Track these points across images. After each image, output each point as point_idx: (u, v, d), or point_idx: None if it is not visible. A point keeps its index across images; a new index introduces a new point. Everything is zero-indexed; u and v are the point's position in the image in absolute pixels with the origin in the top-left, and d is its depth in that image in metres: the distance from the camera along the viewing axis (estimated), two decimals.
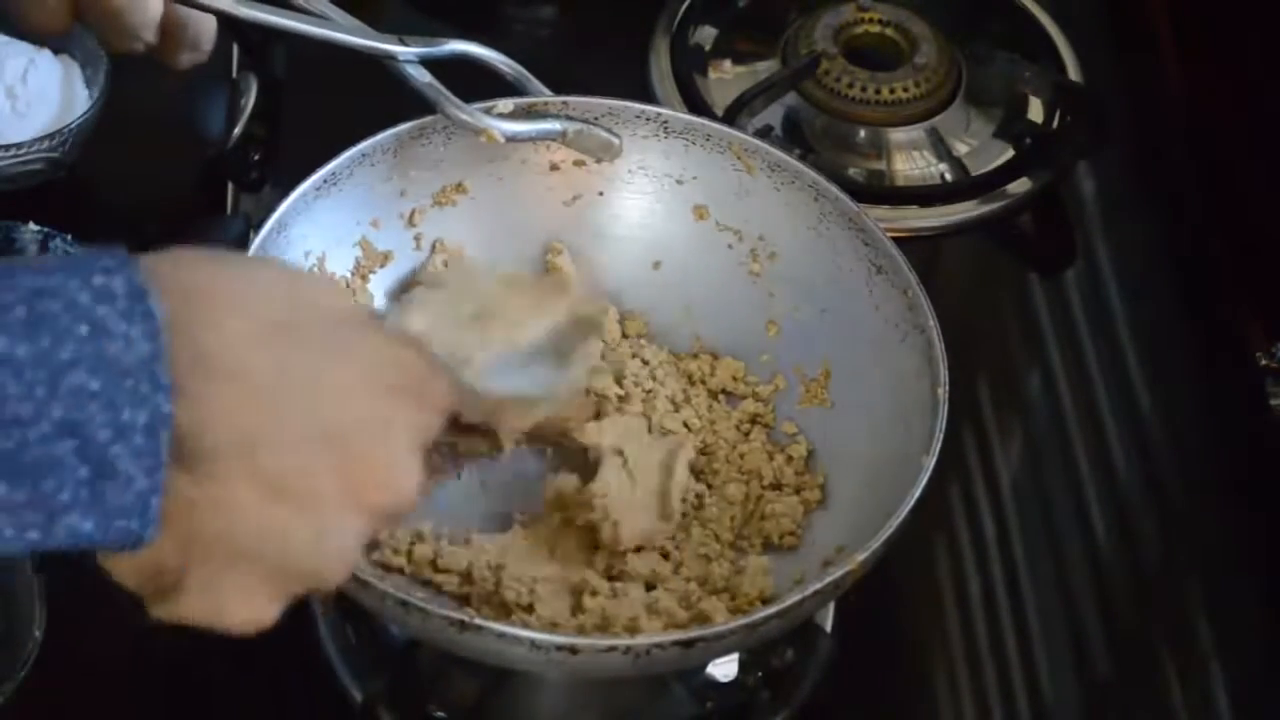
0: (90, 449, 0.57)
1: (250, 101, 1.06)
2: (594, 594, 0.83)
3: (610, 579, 0.85)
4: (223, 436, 0.60)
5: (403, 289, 0.93)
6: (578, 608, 0.82)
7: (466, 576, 0.84)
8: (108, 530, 0.58)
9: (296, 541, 0.62)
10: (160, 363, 0.58)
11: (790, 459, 0.90)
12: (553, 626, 0.81)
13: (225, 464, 0.60)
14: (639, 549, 0.86)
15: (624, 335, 0.95)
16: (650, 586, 0.85)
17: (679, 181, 0.95)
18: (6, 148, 0.99)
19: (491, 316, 0.85)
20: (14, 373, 0.56)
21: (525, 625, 0.80)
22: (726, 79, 1.16)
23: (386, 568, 0.84)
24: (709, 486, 0.90)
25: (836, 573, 0.77)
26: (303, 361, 0.63)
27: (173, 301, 0.59)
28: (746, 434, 0.92)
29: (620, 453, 0.87)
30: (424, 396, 0.67)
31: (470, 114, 0.91)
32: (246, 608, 0.63)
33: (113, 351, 0.57)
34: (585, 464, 0.88)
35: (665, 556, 0.86)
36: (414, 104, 0.91)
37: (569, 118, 0.93)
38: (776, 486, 0.90)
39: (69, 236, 0.96)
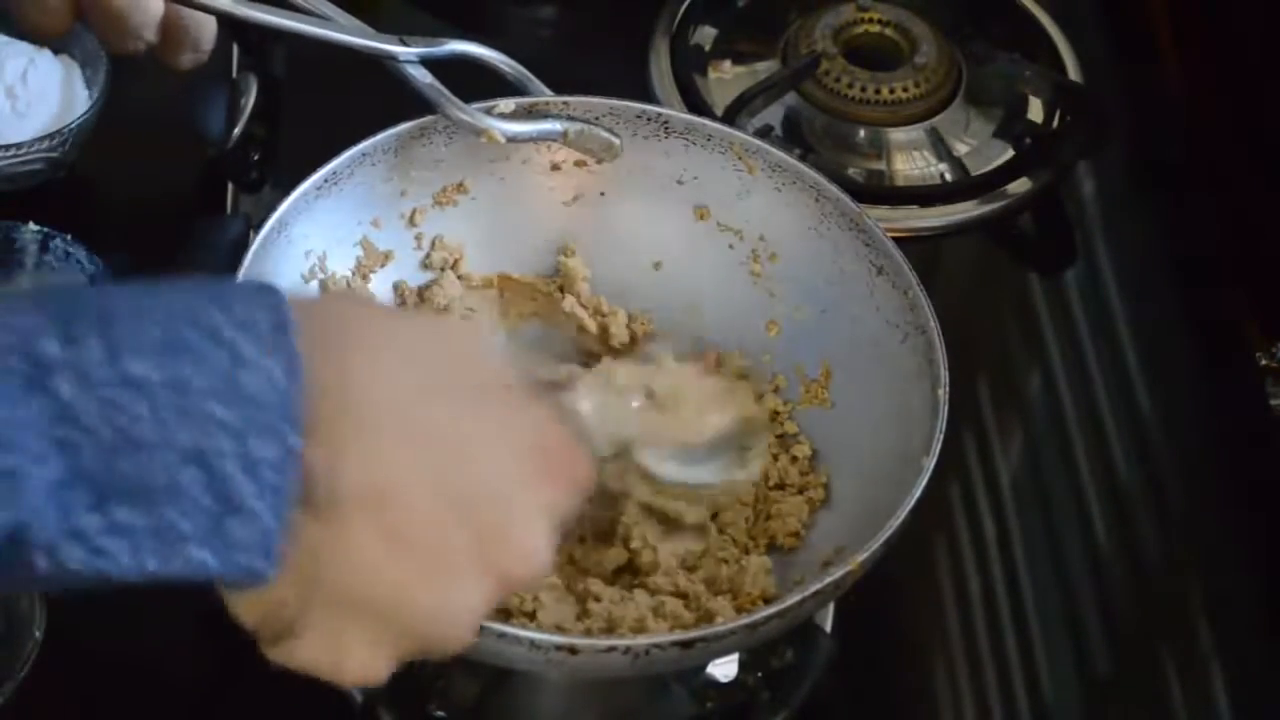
0: (216, 480, 0.56)
1: (250, 101, 1.06)
2: (598, 599, 0.83)
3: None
4: (356, 484, 0.59)
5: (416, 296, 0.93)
6: (583, 613, 0.82)
7: None
8: (227, 564, 0.56)
9: (419, 601, 0.61)
10: (296, 399, 0.57)
11: (795, 459, 0.90)
12: (558, 630, 0.81)
13: (356, 512, 0.59)
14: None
15: (631, 339, 0.94)
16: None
17: (679, 182, 0.95)
18: (6, 148, 0.99)
19: (663, 409, 0.85)
20: (145, 395, 0.55)
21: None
22: (726, 79, 1.16)
23: None
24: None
25: (836, 573, 0.77)
26: (446, 420, 0.62)
27: (318, 341, 0.58)
28: None
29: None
30: (564, 473, 0.65)
31: (471, 115, 0.91)
32: (361, 661, 0.62)
33: (248, 383, 0.56)
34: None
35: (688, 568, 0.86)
36: (415, 103, 0.91)
37: (570, 118, 0.93)
38: (781, 487, 0.90)
39: (69, 236, 0.96)
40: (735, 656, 0.88)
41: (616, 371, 0.87)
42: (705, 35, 1.18)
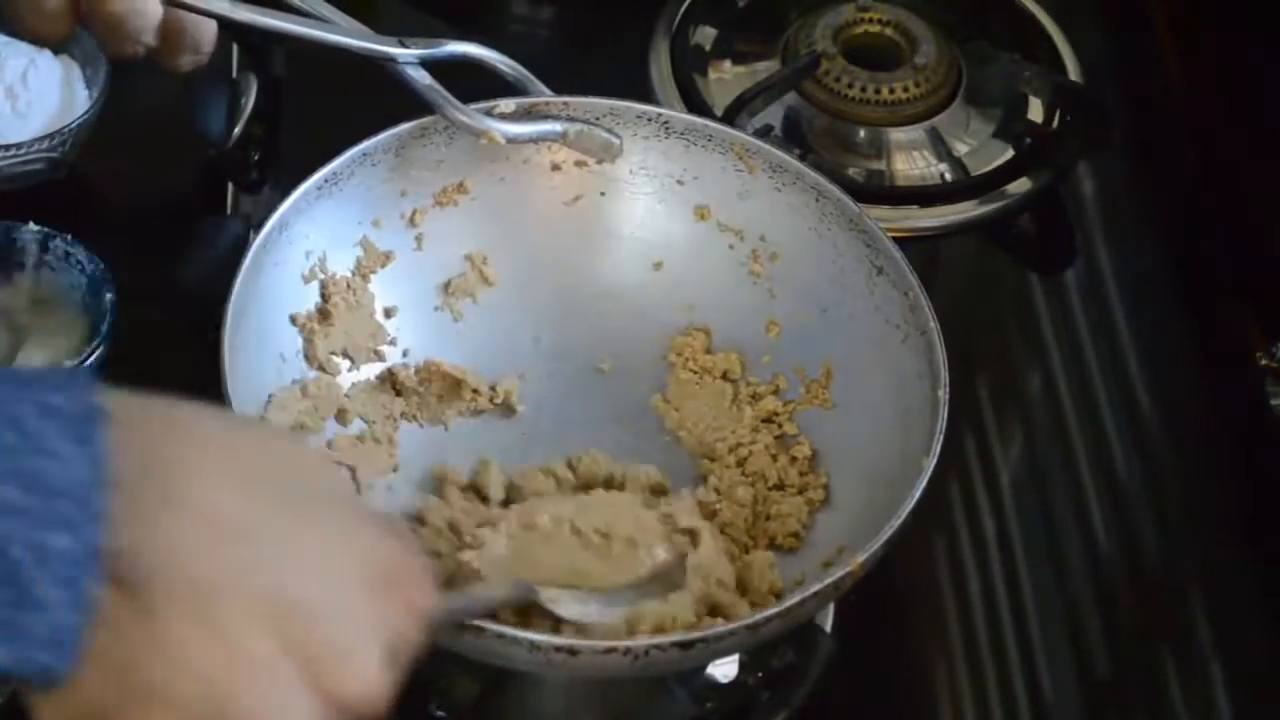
0: (9, 568, 0.53)
1: (250, 101, 1.06)
2: None
3: None
4: (178, 573, 0.56)
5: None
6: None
7: None
8: (18, 660, 0.54)
9: (241, 705, 0.57)
10: (99, 490, 0.54)
11: (794, 459, 0.90)
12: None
13: (175, 607, 0.56)
14: None
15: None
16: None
17: (680, 182, 0.95)
18: (6, 148, 0.99)
19: (589, 548, 0.83)
20: None
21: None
22: (726, 79, 1.16)
23: None
24: (717, 492, 0.90)
25: (836, 573, 0.77)
26: (278, 520, 0.59)
27: (138, 433, 0.56)
28: (754, 431, 0.92)
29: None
30: (402, 596, 0.62)
31: (471, 116, 0.91)
32: None
33: (47, 471, 0.54)
34: None
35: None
36: (415, 104, 0.91)
37: (570, 118, 0.93)
38: (780, 487, 0.90)
39: (69, 236, 0.96)
40: (735, 657, 0.88)
41: (541, 508, 0.85)
42: (705, 35, 1.18)
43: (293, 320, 0.90)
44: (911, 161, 1.13)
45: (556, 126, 0.93)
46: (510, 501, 0.88)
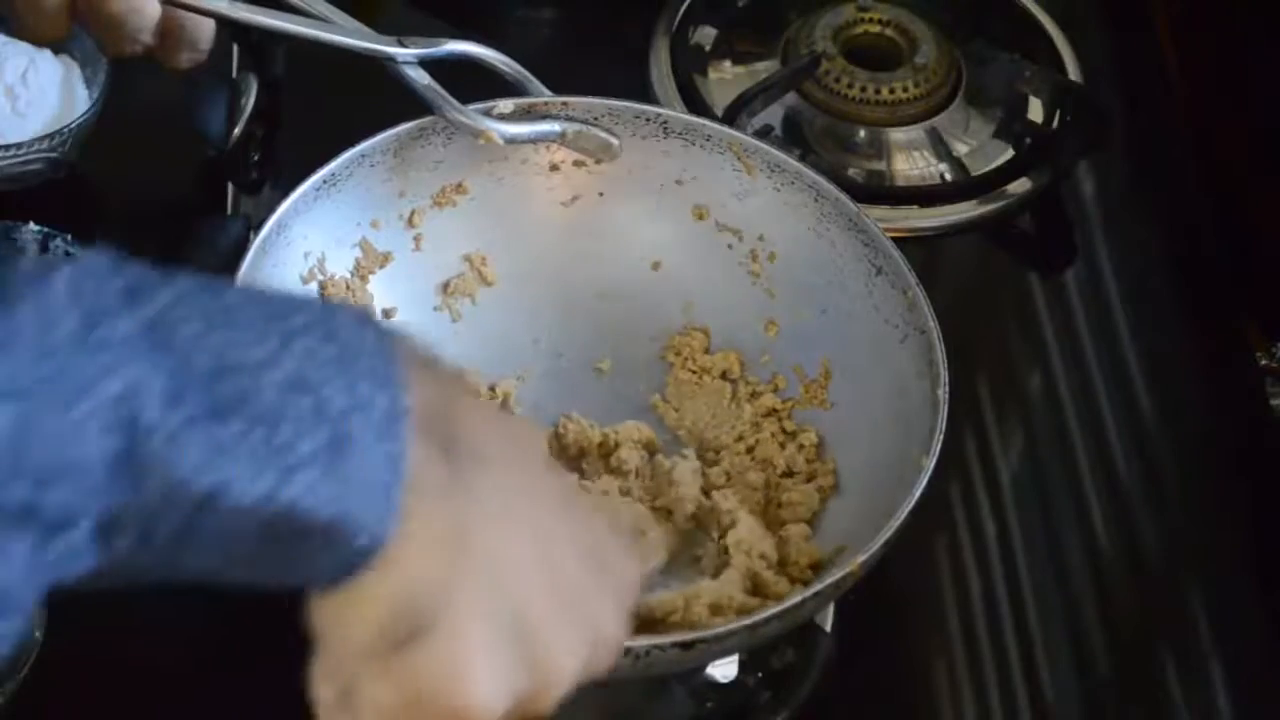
0: (327, 411, 0.53)
1: (250, 101, 1.06)
2: None
3: None
4: (496, 462, 0.57)
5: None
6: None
7: None
8: (346, 502, 0.53)
9: (550, 624, 0.59)
10: (393, 360, 0.55)
11: (801, 446, 0.90)
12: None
13: (499, 481, 0.57)
14: None
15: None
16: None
17: (679, 182, 0.95)
18: (6, 148, 0.99)
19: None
20: (244, 323, 0.53)
21: None
22: (726, 79, 1.16)
23: None
24: (727, 476, 0.90)
25: (836, 573, 0.77)
26: (549, 477, 0.62)
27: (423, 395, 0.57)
28: (756, 426, 0.92)
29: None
30: (629, 560, 0.65)
31: (469, 116, 0.91)
32: (482, 680, 0.57)
33: (345, 335, 0.55)
34: None
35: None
36: (414, 104, 0.91)
37: (568, 118, 0.93)
38: (789, 474, 0.90)
39: (69, 236, 0.96)
40: (735, 657, 0.88)
41: None
42: (705, 35, 1.18)
43: None
44: (911, 161, 1.13)
45: (555, 126, 0.93)
46: None
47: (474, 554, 0.57)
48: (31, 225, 0.97)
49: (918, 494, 0.80)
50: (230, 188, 1.07)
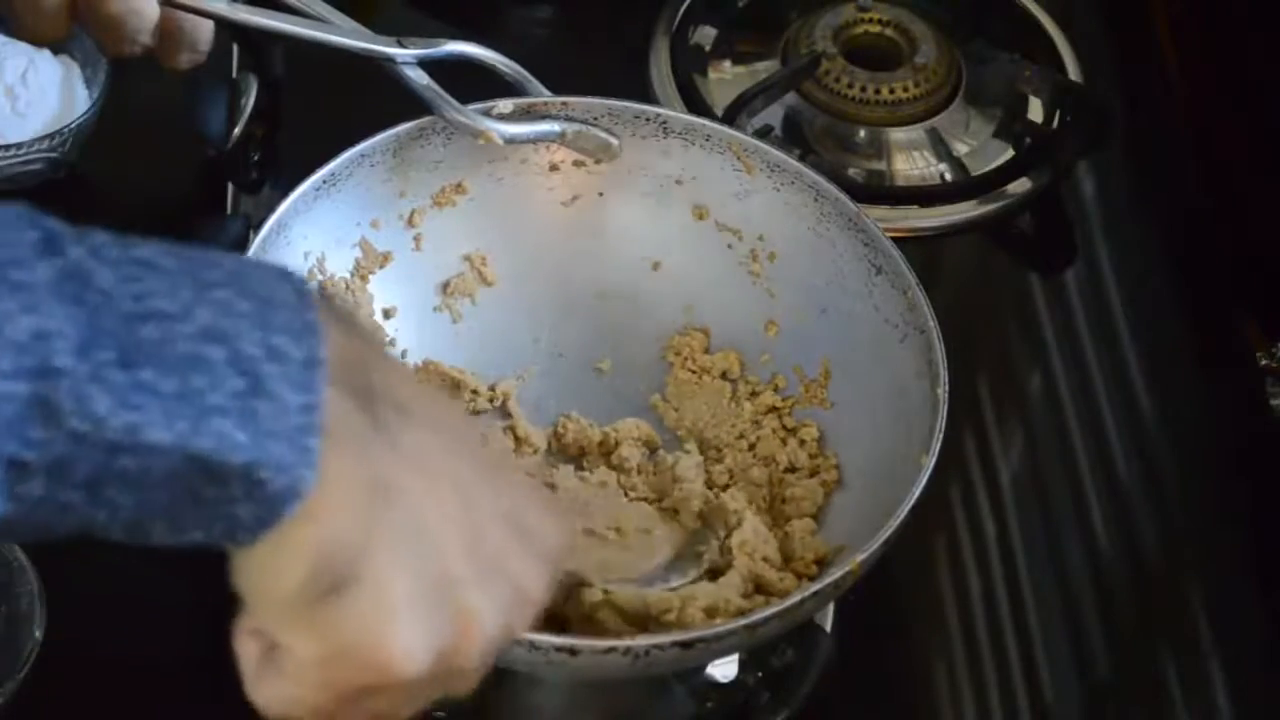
0: (241, 361, 0.54)
1: (250, 101, 1.06)
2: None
3: None
4: (417, 418, 0.57)
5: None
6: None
7: None
8: (261, 449, 0.53)
9: (467, 577, 0.58)
10: (310, 311, 0.55)
11: (803, 442, 0.90)
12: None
13: (420, 436, 0.57)
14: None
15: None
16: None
17: (678, 182, 0.95)
18: (6, 148, 0.99)
19: (608, 543, 0.86)
20: (159, 275, 0.54)
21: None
22: (726, 79, 1.16)
23: None
24: (730, 474, 0.90)
25: (836, 573, 0.77)
26: (470, 437, 0.62)
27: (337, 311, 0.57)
28: (756, 423, 0.92)
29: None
30: (554, 526, 0.64)
31: (469, 116, 0.91)
32: (405, 634, 0.57)
33: (262, 290, 0.55)
34: None
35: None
36: (414, 104, 0.91)
37: (568, 118, 0.93)
38: (792, 469, 0.90)
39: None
40: (735, 656, 0.88)
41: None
42: (705, 35, 1.18)
43: None
44: (911, 161, 1.13)
45: (555, 127, 0.93)
46: None
47: (396, 506, 0.57)
48: None
49: (917, 493, 0.80)
50: (230, 188, 1.07)
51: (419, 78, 0.91)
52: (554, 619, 0.80)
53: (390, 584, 0.57)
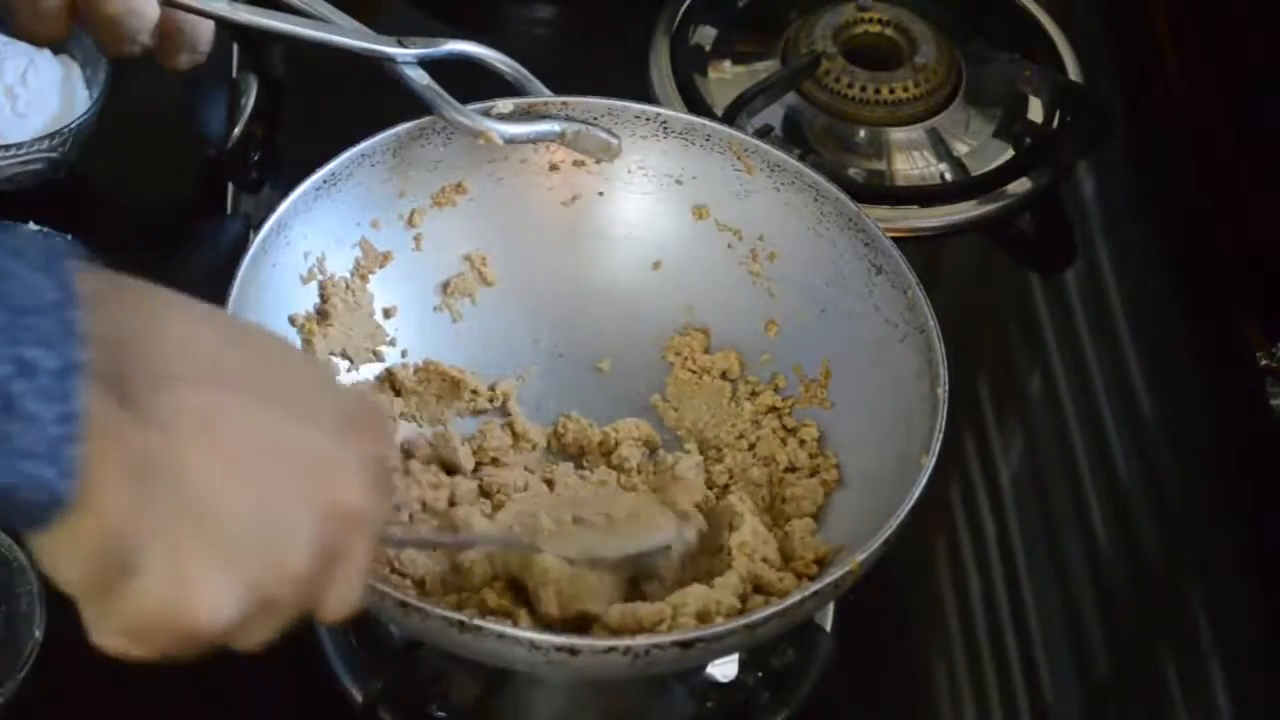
0: None
1: (250, 101, 1.06)
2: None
3: None
4: (176, 405, 0.57)
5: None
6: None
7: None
8: (15, 473, 0.54)
9: (258, 518, 0.59)
10: (70, 308, 0.55)
11: (803, 442, 0.90)
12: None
13: (183, 429, 0.57)
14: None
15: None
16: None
17: (679, 181, 0.95)
18: (6, 148, 0.99)
19: (595, 528, 0.85)
20: None
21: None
22: (726, 79, 1.16)
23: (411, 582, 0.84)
24: (730, 474, 0.90)
25: (836, 573, 0.77)
26: (256, 368, 0.61)
27: (106, 279, 0.57)
28: (756, 423, 0.92)
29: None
30: (371, 430, 0.65)
31: (468, 116, 0.91)
32: (210, 592, 0.58)
33: (10, 290, 0.54)
34: None
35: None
36: (414, 104, 0.91)
37: (568, 118, 0.93)
38: (792, 469, 0.90)
39: (69, 236, 0.96)
40: (735, 656, 0.88)
41: (544, 507, 0.86)
42: (705, 35, 1.18)
43: (291, 321, 0.90)
44: (911, 161, 1.13)
45: (555, 126, 0.93)
46: (480, 465, 0.90)
47: (162, 478, 0.57)
48: (31, 225, 0.97)
49: (917, 493, 0.80)
50: (230, 188, 1.07)
51: (419, 77, 0.91)
52: (516, 586, 0.82)
53: (176, 552, 0.58)
